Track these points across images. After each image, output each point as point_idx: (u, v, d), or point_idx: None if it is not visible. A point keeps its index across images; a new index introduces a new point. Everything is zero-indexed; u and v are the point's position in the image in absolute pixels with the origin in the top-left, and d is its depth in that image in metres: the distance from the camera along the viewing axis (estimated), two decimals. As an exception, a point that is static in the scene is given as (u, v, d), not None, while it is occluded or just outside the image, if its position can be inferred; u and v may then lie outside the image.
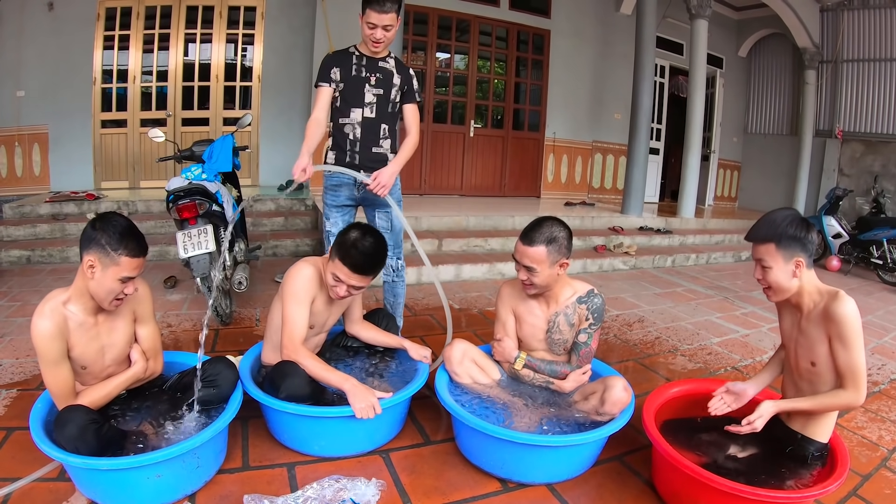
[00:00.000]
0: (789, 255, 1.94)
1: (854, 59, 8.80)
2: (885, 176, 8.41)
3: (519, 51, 8.43)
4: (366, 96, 2.93)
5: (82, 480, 1.89)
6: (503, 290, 2.57)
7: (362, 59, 2.93)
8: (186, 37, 6.95)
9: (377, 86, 2.94)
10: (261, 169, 7.52)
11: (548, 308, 2.44)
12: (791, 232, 1.93)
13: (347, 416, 2.14)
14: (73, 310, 1.95)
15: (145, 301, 2.19)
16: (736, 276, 6.32)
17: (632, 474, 2.26)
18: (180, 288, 4.35)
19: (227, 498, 1.95)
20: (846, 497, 2.19)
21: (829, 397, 1.95)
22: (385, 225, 3.07)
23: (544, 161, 8.81)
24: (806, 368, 2.02)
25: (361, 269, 2.28)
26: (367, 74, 2.92)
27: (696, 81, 7.76)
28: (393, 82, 2.96)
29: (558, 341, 2.45)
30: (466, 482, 2.14)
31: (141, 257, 1.95)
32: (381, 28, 2.76)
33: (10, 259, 4.80)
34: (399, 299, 3.27)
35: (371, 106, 2.95)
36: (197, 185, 3.51)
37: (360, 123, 2.95)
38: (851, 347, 1.88)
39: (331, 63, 2.92)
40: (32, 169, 6.50)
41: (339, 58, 2.94)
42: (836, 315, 1.88)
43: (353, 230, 2.33)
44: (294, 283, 2.34)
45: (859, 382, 1.90)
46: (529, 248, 2.27)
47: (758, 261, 2.02)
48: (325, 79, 2.91)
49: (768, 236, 1.96)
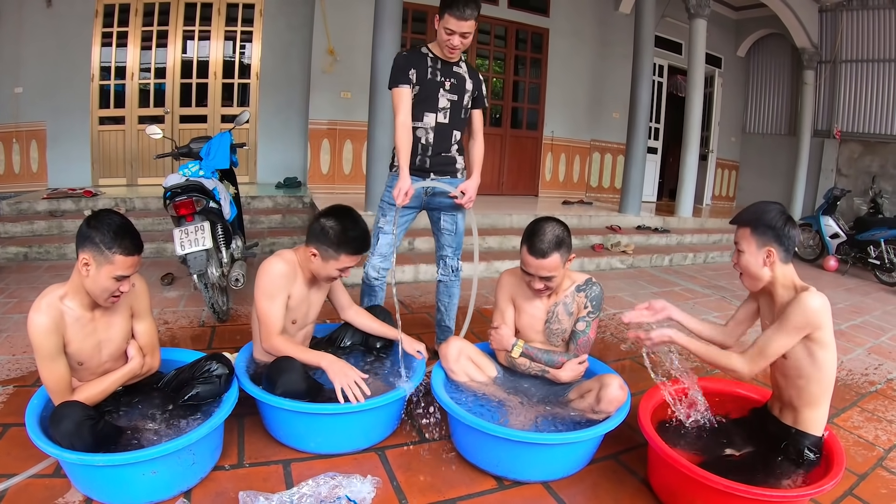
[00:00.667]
0: (762, 243, 1.98)
1: (852, 59, 8.80)
2: (883, 176, 8.43)
3: (517, 49, 8.43)
4: (440, 101, 2.85)
5: (78, 477, 1.89)
6: (503, 278, 2.58)
7: (437, 62, 2.83)
8: (185, 34, 6.94)
9: (452, 91, 2.86)
10: (259, 166, 7.52)
11: (548, 299, 2.45)
12: (768, 220, 1.97)
13: (343, 412, 2.15)
14: (69, 305, 1.95)
15: (142, 297, 2.19)
16: (733, 276, 6.29)
17: (628, 473, 2.27)
18: (177, 285, 4.35)
19: (223, 495, 1.95)
20: (842, 496, 2.19)
21: (721, 355, 2.05)
22: (450, 228, 3.05)
23: (542, 160, 8.81)
24: (780, 363, 2.03)
25: (363, 248, 2.35)
26: (441, 79, 2.83)
27: (694, 81, 7.76)
28: (466, 87, 2.90)
29: (556, 331, 2.46)
30: (462, 480, 2.15)
31: (135, 255, 1.95)
32: (459, 35, 2.67)
33: (8, 256, 4.79)
34: (454, 300, 3.23)
35: (445, 111, 2.88)
36: (194, 182, 3.51)
37: (433, 129, 2.88)
38: (781, 328, 1.92)
39: (406, 64, 2.78)
40: (30, 166, 6.49)
41: (413, 58, 2.81)
42: (798, 300, 1.91)
43: (330, 219, 2.33)
44: (266, 280, 2.32)
45: (757, 359, 1.96)
46: (545, 261, 2.27)
47: (735, 244, 2.07)
48: (404, 80, 2.76)
49: (746, 221, 2.03)
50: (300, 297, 2.43)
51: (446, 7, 2.62)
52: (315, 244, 2.33)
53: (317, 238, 2.33)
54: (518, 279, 2.50)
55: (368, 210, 5.81)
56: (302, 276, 2.42)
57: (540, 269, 2.28)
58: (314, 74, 7.01)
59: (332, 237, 2.30)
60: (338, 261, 2.34)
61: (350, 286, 4.60)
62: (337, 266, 2.35)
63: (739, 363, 1.97)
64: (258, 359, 2.53)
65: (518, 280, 2.50)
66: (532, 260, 2.28)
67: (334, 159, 7.33)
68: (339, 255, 2.32)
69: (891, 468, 2.45)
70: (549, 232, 2.28)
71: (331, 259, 2.33)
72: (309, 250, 2.35)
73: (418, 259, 5.17)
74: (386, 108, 5.53)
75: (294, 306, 2.41)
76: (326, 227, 2.31)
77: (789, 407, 2.07)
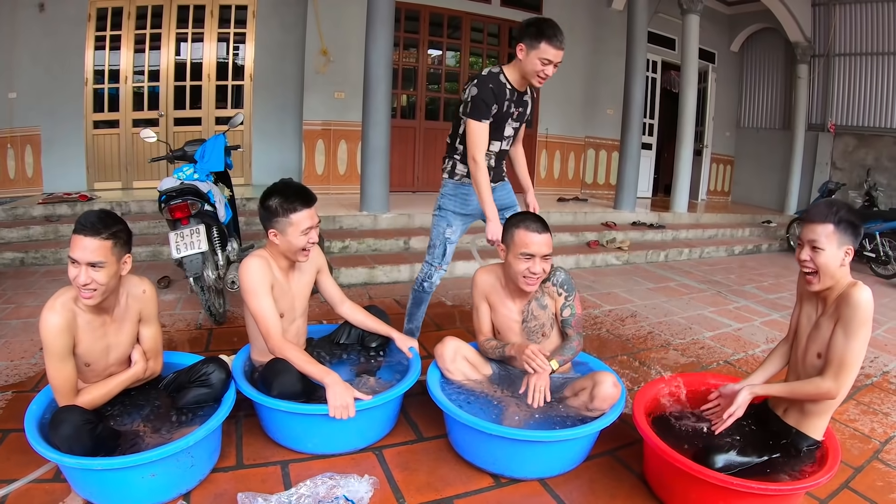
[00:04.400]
0: (843, 241, 1.92)
1: (846, 52, 8.83)
2: (878, 169, 8.46)
3: (511, 47, 8.41)
4: (506, 130, 2.87)
5: (77, 481, 1.90)
6: (477, 277, 2.59)
7: (514, 93, 2.80)
8: (178, 36, 6.92)
9: (516, 119, 2.88)
10: (253, 168, 7.51)
11: (521, 300, 2.50)
12: (851, 218, 1.92)
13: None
14: (82, 307, 1.96)
15: (151, 302, 2.22)
16: (729, 271, 6.36)
17: (624, 468, 2.28)
18: (174, 288, 4.35)
19: (222, 496, 1.96)
20: (838, 489, 2.20)
21: (806, 384, 1.97)
22: None
23: (537, 157, 8.81)
24: (812, 363, 2.02)
25: (308, 200, 2.37)
26: (512, 110, 2.83)
27: (688, 76, 7.79)
28: (526, 113, 2.90)
29: (535, 328, 2.49)
30: (459, 478, 2.16)
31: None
32: (554, 65, 2.65)
33: (4, 261, 4.79)
34: None
35: (508, 139, 2.92)
36: (189, 186, 3.51)
37: (496, 154, 2.92)
38: (852, 336, 1.87)
39: (492, 97, 2.73)
40: (25, 171, 6.48)
41: (498, 91, 2.74)
42: (850, 299, 1.88)
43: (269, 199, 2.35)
44: (248, 279, 2.33)
45: (842, 375, 1.89)
46: (547, 236, 2.36)
47: (809, 241, 1.96)
48: (487, 116, 2.73)
49: (828, 217, 1.93)
50: (282, 288, 2.44)
51: (542, 36, 2.60)
52: (270, 226, 2.36)
53: (267, 220, 2.36)
54: (494, 278, 2.54)
55: (364, 210, 5.83)
56: (277, 266, 2.43)
57: (542, 246, 2.32)
58: (308, 75, 7.01)
59: (277, 208, 2.32)
60: (294, 224, 2.33)
61: (345, 286, 4.62)
62: (298, 230, 2.34)
63: (826, 385, 1.91)
64: (256, 360, 2.54)
65: (494, 279, 2.54)
66: (535, 237, 2.32)
67: (329, 160, 7.33)
68: (289, 216, 2.32)
69: (887, 461, 2.47)
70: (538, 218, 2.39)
71: (288, 227, 2.33)
72: (270, 234, 2.37)
73: (413, 258, 5.18)
74: (379, 108, 5.54)
75: (277, 297, 2.41)
76: (269, 205, 2.34)
77: (797, 409, 2.07)
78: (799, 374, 2.11)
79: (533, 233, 2.33)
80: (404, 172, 7.82)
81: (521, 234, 2.34)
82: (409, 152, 7.87)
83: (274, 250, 2.42)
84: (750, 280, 5.87)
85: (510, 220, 2.43)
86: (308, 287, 2.62)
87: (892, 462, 2.46)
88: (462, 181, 2.94)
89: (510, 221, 2.43)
